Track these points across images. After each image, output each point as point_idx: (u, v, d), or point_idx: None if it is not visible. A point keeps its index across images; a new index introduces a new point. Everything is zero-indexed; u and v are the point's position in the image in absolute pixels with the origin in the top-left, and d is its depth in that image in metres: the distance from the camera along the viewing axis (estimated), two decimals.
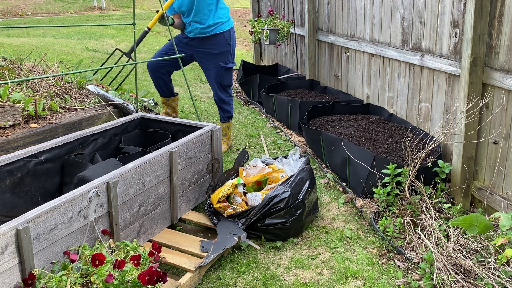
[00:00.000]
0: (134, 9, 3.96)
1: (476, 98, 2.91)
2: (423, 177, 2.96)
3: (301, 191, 2.86)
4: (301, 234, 2.92)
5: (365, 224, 3.02)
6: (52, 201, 2.03)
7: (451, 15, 3.18)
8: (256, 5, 8.04)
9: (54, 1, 16.41)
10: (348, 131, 3.91)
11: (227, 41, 4.00)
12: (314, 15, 5.55)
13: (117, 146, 3.27)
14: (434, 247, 2.38)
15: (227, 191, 2.97)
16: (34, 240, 1.92)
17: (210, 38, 3.97)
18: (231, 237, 2.67)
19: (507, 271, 2.17)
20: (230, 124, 4.30)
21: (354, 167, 3.28)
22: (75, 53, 6.83)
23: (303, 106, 4.58)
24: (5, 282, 1.82)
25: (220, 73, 4.02)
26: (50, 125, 3.56)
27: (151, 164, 2.59)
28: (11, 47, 6.50)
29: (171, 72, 4.22)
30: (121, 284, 1.89)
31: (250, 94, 6.16)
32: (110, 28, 11.07)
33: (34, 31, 9.60)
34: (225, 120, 4.26)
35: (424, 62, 3.51)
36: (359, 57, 4.65)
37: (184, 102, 5.64)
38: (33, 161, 2.66)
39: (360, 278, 2.48)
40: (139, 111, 3.98)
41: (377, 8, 4.20)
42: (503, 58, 2.74)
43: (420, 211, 2.80)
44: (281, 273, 2.54)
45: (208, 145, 3.14)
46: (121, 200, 2.38)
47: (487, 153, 2.97)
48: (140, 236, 2.58)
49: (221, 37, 3.96)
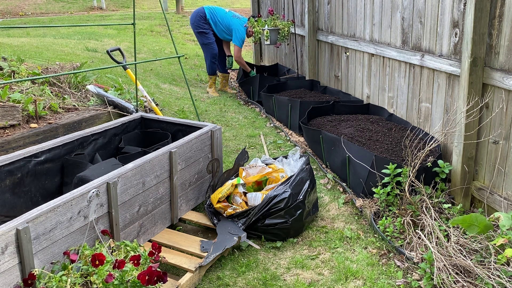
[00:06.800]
0: (134, 9, 3.96)
1: (476, 98, 2.91)
2: (423, 177, 2.96)
3: (301, 191, 2.86)
4: (301, 234, 2.92)
5: (365, 224, 3.02)
6: (52, 201, 2.03)
7: (451, 15, 3.18)
8: (256, 5, 8.04)
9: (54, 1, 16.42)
10: (348, 131, 3.90)
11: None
12: (314, 15, 5.54)
13: (117, 146, 3.27)
14: (434, 247, 2.38)
15: (227, 191, 2.97)
16: (34, 240, 1.92)
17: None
18: (231, 237, 2.67)
19: (507, 271, 2.17)
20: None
21: (354, 167, 3.28)
22: (75, 53, 6.83)
23: (303, 106, 4.58)
24: (5, 282, 1.82)
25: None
26: (50, 125, 3.56)
27: (151, 164, 2.59)
28: (11, 47, 6.50)
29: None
30: (121, 284, 1.89)
31: (250, 94, 6.16)
32: (110, 28, 11.07)
33: (34, 31, 9.61)
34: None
35: (424, 62, 3.51)
36: (359, 57, 4.65)
37: (184, 102, 5.64)
38: (33, 161, 2.66)
39: (360, 278, 2.48)
40: (139, 111, 3.98)
41: (377, 8, 4.20)
42: (503, 58, 2.74)
43: (420, 211, 2.80)
44: (281, 273, 2.54)
45: (208, 145, 3.14)
46: (121, 200, 2.38)
47: (487, 153, 2.97)
48: (140, 236, 2.58)
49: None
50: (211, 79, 6.38)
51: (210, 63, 6.28)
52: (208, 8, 6.19)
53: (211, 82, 6.40)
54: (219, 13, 6.17)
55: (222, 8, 6.33)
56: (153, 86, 5.99)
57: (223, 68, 6.64)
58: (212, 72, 6.33)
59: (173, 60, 7.94)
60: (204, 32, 6.15)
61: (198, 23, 6.14)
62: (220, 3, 17.61)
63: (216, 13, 6.17)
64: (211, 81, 6.39)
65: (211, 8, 6.21)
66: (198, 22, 6.14)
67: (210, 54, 6.23)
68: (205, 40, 6.18)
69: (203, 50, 6.35)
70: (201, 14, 6.14)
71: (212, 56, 6.23)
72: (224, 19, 6.13)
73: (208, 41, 6.18)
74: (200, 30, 6.15)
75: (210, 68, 6.31)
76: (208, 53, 6.25)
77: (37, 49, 6.70)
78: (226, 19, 6.13)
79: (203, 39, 6.19)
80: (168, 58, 5.03)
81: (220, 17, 6.14)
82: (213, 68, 6.32)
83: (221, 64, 6.56)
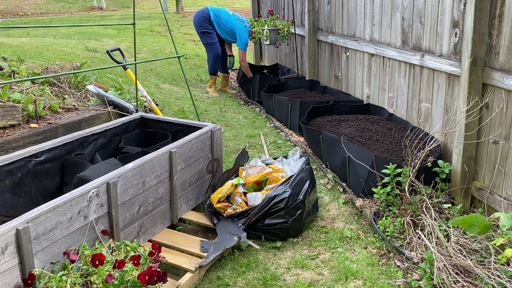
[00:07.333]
0: (134, 9, 3.96)
1: (476, 98, 2.91)
2: (423, 177, 2.96)
3: (301, 191, 2.86)
4: (301, 234, 2.92)
5: (365, 224, 3.02)
6: (52, 201, 2.03)
7: (451, 15, 3.18)
8: (256, 5, 8.04)
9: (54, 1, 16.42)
10: (348, 131, 3.90)
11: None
12: (314, 15, 5.54)
13: (117, 146, 3.27)
14: (434, 247, 2.38)
15: (227, 191, 2.97)
16: (34, 240, 1.92)
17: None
18: (231, 237, 2.67)
19: (507, 271, 2.17)
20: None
21: (354, 167, 3.28)
22: (75, 53, 6.83)
23: (303, 106, 4.57)
24: (5, 282, 1.82)
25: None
26: (50, 125, 3.56)
27: (151, 164, 2.59)
28: (11, 47, 6.50)
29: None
30: (121, 284, 1.89)
31: (250, 94, 6.16)
32: (110, 28, 11.07)
33: (34, 31, 9.61)
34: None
35: (424, 62, 3.51)
36: (359, 57, 4.65)
37: (184, 102, 5.64)
38: (33, 161, 2.66)
39: (360, 278, 2.48)
40: (139, 111, 3.99)
41: (377, 8, 4.20)
42: (503, 58, 2.74)
43: (420, 211, 2.80)
44: (281, 273, 2.54)
45: (208, 145, 3.14)
46: (121, 200, 2.38)
47: (487, 153, 2.97)
48: (140, 236, 2.58)
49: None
50: (211, 79, 6.38)
51: (213, 63, 6.29)
52: (212, 10, 6.21)
53: (211, 82, 6.40)
54: (223, 15, 6.20)
55: (226, 10, 6.35)
56: (153, 86, 5.99)
57: (223, 68, 6.64)
58: (213, 72, 6.34)
59: (173, 60, 7.94)
60: (208, 32, 6.17)
61: (202, 24, 6.16)
62: (220, 3, 17.61)
63: (221, 15, 6.20)
64: (211, 81, 6.39)
65: (216, 10, 6.23)
66: (202, 23, 6.16)
67: (214, 54, 6.24)
68: (209, 40, 6.20)
69: (207, 50, 6.36)
70: (205, 15, 6.17)
71: (216, 56, 6.25)
72: (228, 22, 6.17)
73: (212, 41, 6.19)
74: (204, 30, 6.16)
75: (212, 68, 6.32)
76: (211, 53, 6.25)
77: (37, 49, 6.70)
78: (230, 22, 6.17)
79: (207, 39, 6.21)
80: (168, 58, 5.03)
81: (224, 20, 6.18)
82: (215, 69, 6.33)
83: (221, 64, 6.57)
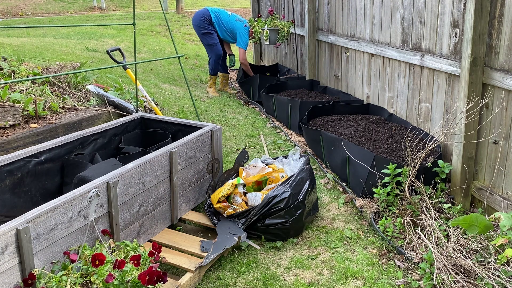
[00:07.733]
0: (134, 9, 3.96)
1: (476, 98, 2.91)
2: (423, 177, 2.96)
3: (301, 191, 2.86)
4: (301, 234, 2.92)
5: (365, 224, 3.01)
6: (52, 201, 2.03)
7: (451, 15, 3.18)
8: (256, 5, 8.04)
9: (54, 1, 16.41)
10: (348, 131, 3.90)
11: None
12: (314, 15, 5.54)
13: (117, 146, 3.27)
14: (434, 247, 2.38)
15: (227, 191, 2.97)
16: (34, 240, 1.92)
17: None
18: (231, 237, 2.67)
19: (507, 271, 2.17)
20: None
21: (354, 167, 3.28)
22: (75, 53, 6.83)
23: (303, 106, 4.57)
24: (5, 282, 1.82)
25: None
26: (50, 125, 3.56)
27: (151, 164, 2.59)
28: (11, 47, 6.50)
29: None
30: (121, 284, 1.89)
31: (250, 94, 6.16)
32: (110, 28, 11.07)
33: (34, 31, 9.61)
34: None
35: (424, 62, 3.51)
36: (359, 57, 4.65)
37: (184, 102, 5.64)
38: (33, 161, 2.66)
39: (360, 278, 2.48)
40: (139, 111, 3.99)
41: (377, 8, 4.20)
42: (503, 58, 2.74)
43: (420, 211, 2.80)
44: (281, 273, 2.54)
45: (208, 145, 3.14)
46: (121, 200, 2.38)
47: (487, 153, 2.97)
48: (140, 236, 2.58)
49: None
50: (211, 79, 6.38)
51: (214, 64, 6.29)
52: (212, 11, 6.21)
53: (211, 82, 6.40)
54: (223, 16, 6.21)
55: (225, 10, 6.35)
56: (153, 86, 5.99)
57: (223, 68, 6.64)
58: (214, 72, 6.34)
59: (173, 60, 7.94)
60: (209, 33, 6.17)
61: (203, 25, 6.16)
62: (220, 3, 17.61)
63: (221, 16, 6.21)
64: (211, 81, 6.39)
65: (215, 11, 6.24)
66: (203, 24, 6.16)
67: (215, 55, 6.24)
68: (210, 40, 6.20)
69: (208, 51, 6.36)
70: (206, 16, 6.17)
71: (217, 57, 6.25)
72: (228, 23, 6.18)
73: (213, 41, 6.20)
74: (205, 31, 6.16)
75: (213, 68, 6.32)
76: (213, 54, 6.25)
77: (37, 49, 6.70)
78: (230, 22, 6.18)
79: (208, 40, 6.21)
80: (168, 58, 5.03)
81: (224, 20, 6.19)
82: (216, 69, 6.34)
83: (221, 64, 6.57)
